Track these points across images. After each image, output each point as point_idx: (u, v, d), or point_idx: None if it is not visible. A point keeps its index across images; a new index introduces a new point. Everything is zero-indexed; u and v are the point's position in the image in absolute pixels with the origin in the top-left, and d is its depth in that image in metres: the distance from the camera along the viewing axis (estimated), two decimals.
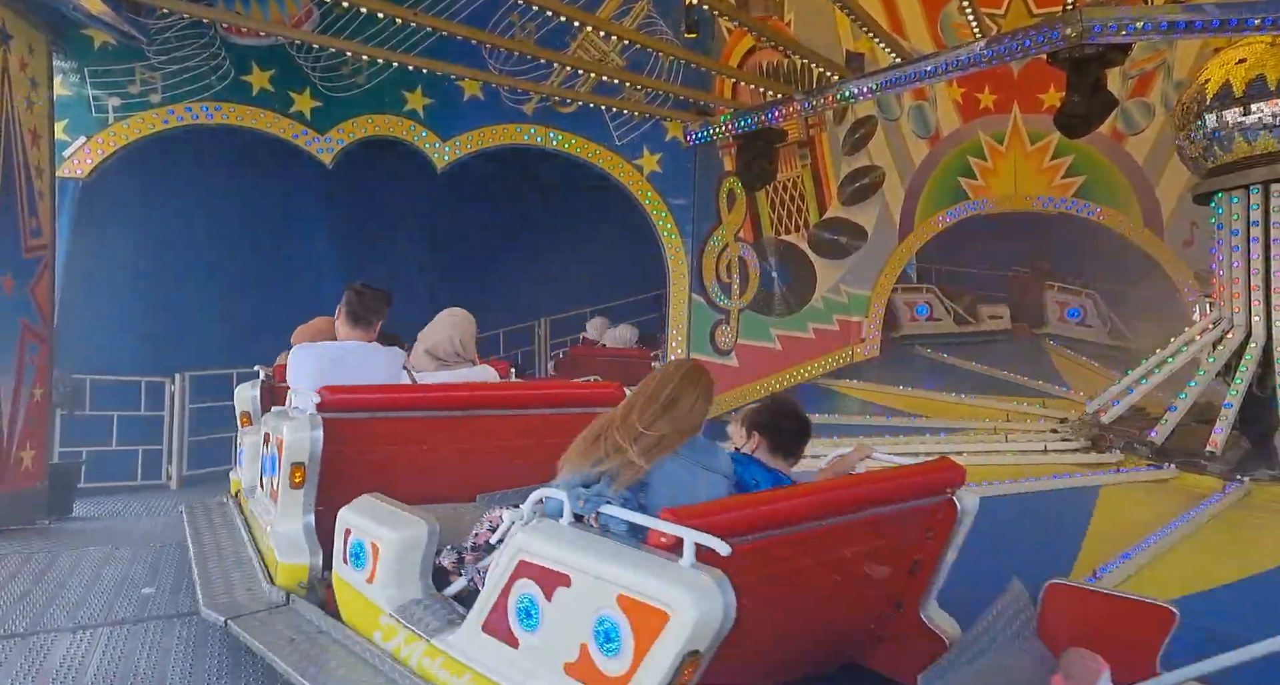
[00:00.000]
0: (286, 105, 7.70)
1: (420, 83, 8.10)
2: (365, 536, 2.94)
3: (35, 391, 6.06)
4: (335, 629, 3.02)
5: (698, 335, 9.13)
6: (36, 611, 3.86)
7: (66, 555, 4.75)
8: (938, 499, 2.65)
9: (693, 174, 9.06)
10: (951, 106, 11.66)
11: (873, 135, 10.98)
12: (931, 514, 2.66)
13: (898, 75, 7.06)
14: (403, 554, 2.82)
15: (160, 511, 6.57)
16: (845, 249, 10.89)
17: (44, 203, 6.32)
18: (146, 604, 3.99)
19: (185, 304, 8.41)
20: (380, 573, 2.85)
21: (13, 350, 5.82)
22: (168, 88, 7.26)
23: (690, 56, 8.09)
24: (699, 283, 9.09)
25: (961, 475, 2.68)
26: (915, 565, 2.72)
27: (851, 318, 10.97)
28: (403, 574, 2.82)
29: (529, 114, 8.51)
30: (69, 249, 6.90)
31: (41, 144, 6.33)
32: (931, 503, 2.64)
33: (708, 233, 9.19)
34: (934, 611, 2.79)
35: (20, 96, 6.03)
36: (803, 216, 10.48)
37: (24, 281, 6.00)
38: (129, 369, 7.83)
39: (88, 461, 7.29)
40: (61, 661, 3.31)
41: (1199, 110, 7.81)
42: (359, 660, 2.79)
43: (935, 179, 11.63)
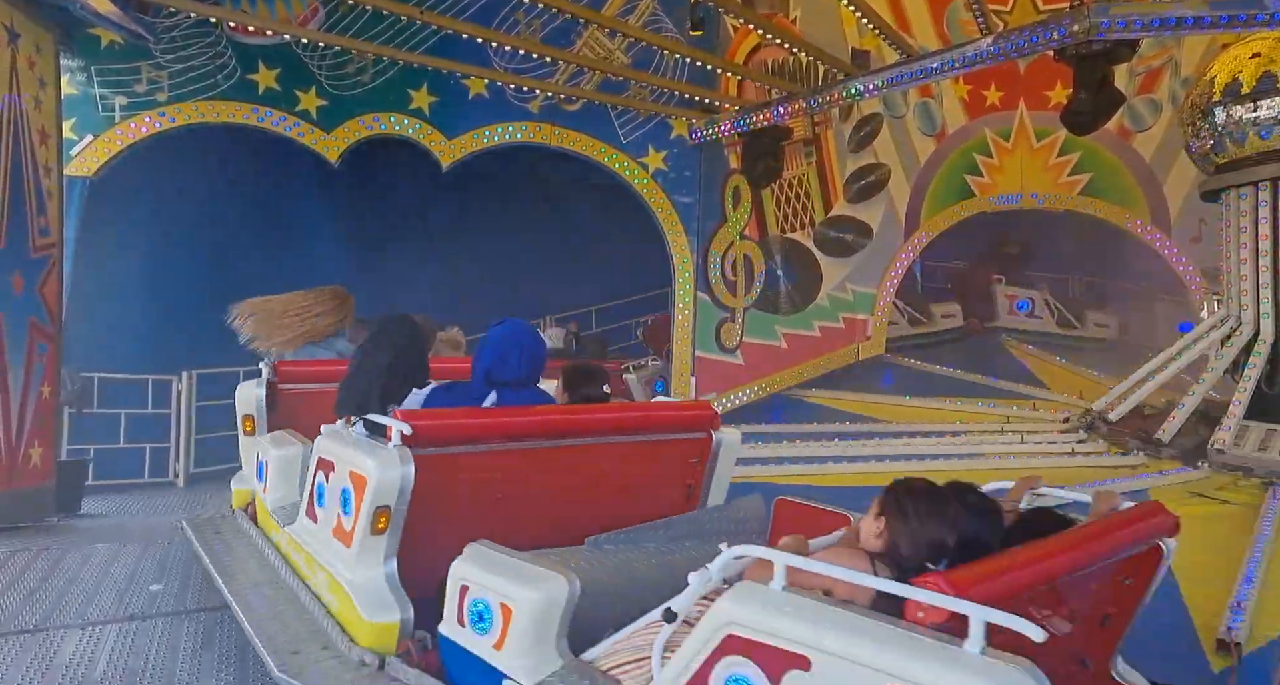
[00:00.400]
0: (292, 104, 7.71)
1: (426, 81, 8.10)
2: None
3: (43, 390, 6.09)
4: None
5: (703, 333, 9.13)
6: (46, 608, 3.88)
7: (75, 552, 4.78)
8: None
9: (698, 172, 9.06)
10: (957, 103, 11.63)
11: (878, 132, 10.96)
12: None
13: (903, 72, 7.05)
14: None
15: (167, 509, 6.60)
16: (851, 247, 10.87)
17: (52, 201, 6.34)
18: (155, 600, 4.01)
19: (191, 302, 8.41)
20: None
21: (21, 349, 5.84)
22: (174, 86, 7.28)
23: (695, 54, 8.08)
24: (704, 280, 9.09)
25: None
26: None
27: (857, 315, 10.95)
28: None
29: (534, 112, 8.52)
30: (76, 248, 6.92)
31: (49, 143, 6.35)
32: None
33: (713, 230, 9.19)
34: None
35: (28, 95, 6.05)
36: (808, 214, 10.47)
37: (32, 280, 6.02)
38: (136, 367, 7.86)
39: (95, 459, 7.32)
40: (71, 657, 3.32)
41: (1207, 106, 7.78)
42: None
43: (941, 176, 11.60)
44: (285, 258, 9.40)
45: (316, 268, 9.64)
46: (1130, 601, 2.40)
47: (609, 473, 3.38)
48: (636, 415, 3.63)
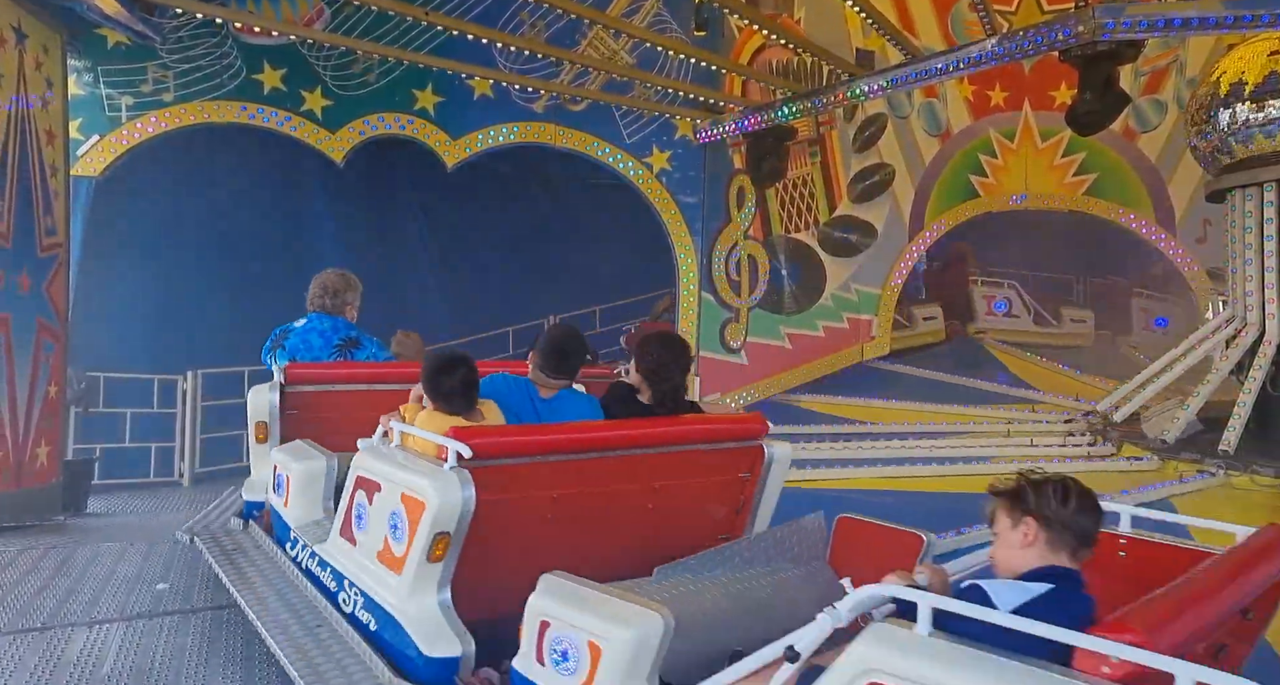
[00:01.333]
0: (298, 104, 7.73)
1: (430, 81, 8.12)
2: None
3: (50, 389, 6.12)
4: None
5: (707, 333, 9.14)
6: (53, 606, 3.90)
7: (82, 551, 4.80)
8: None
9: (702, 172, 9.06)
10: (962, 104, 11.63)
11: (883, 133, 10.96)
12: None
13: (908, 73, 7.05)
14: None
15: (173, 508, 6.62)
16: (855, 247, 10.87)
17: (59, 201, 6.37)
18: (161, 599, 4.03)
19: (196, 301, 8.47)
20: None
21: (29, 348, 5.87)
22: (180, 87, 7.30)
23: (700, 54, 8.09)
24: (709, 280, 9.09)
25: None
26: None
27: (861, 316, 10.95)
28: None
29: (539, 112, 8.53)
30: (83, 248, 6.95)
31: (56, 143, 6.38)
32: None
33: (717, 231, 9.20)
34: None
35: (35, 96, 6.08)
36: (812, 214, 10.47)
37: (39, 280, 6.05)
38: (141, 366, 7.88)
39: (102, 458, 7.35)
40: (79, 655, 3.34)
41: (1212, 107, 7.77)
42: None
43: (946, 177, 11.60)
44: (290, 257, 9.43)
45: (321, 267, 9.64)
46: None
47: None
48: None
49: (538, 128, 8.55)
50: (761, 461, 3.31)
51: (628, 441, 3.11)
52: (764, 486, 3.36)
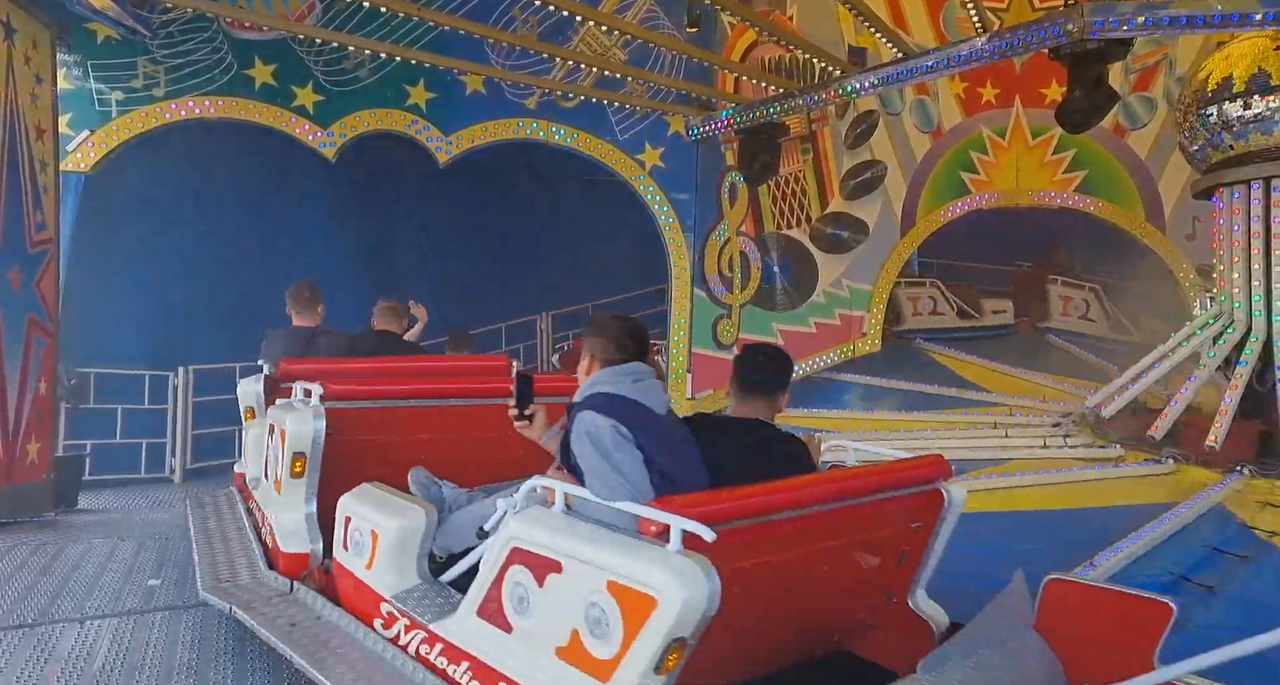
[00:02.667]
0: (289, 99, 7.71)
1: (423, 77, 8.10)
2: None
3: (40, 385, 6.10)
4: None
5: (699, 329, 9.16)
6: (44, 602, 3.90)
7: (73, 547, 4.80)
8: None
9: (695, 168, 9.08)
10: (954, 101, 11.66)
11: (875, 129, 10.99)
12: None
13: (900, 70, 7.08)
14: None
15: (164, 504, 6.62)
16: (847, 243, 10.90)
17: (48, 197, 6.33)
18: (152, 595, 4.04)
19: (188, 297, 8.43)
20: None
21: (19, 344, 5.85)
22: (170, 82, 7.27)
23: (692, 51, 8.10)
24: (701, 277, 9.11)
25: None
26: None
27: (853, 312, 10.99)
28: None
29: (531, 108, 8.52)
30: (73, 243, 6.92)
31: (46, 138, 6.35)
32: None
33: (710, 227, 9.21)
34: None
35: (25, 91, 6.04)
36: (805, 211, 10.50)
37: (30, 275, 6.02)
38: (132, 363, 7.85)
39: (93, 455, 7.32)
40: (70, 652, 3.35)
41: (1200, 104, 7.82)
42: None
43: (937, 173, 11.64)
44: (282, 253, 9.40)
45: (313, 264, 9.62)
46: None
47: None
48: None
49: (530, 124, 8.54)
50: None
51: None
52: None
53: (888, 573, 2.78)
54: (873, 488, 2.55)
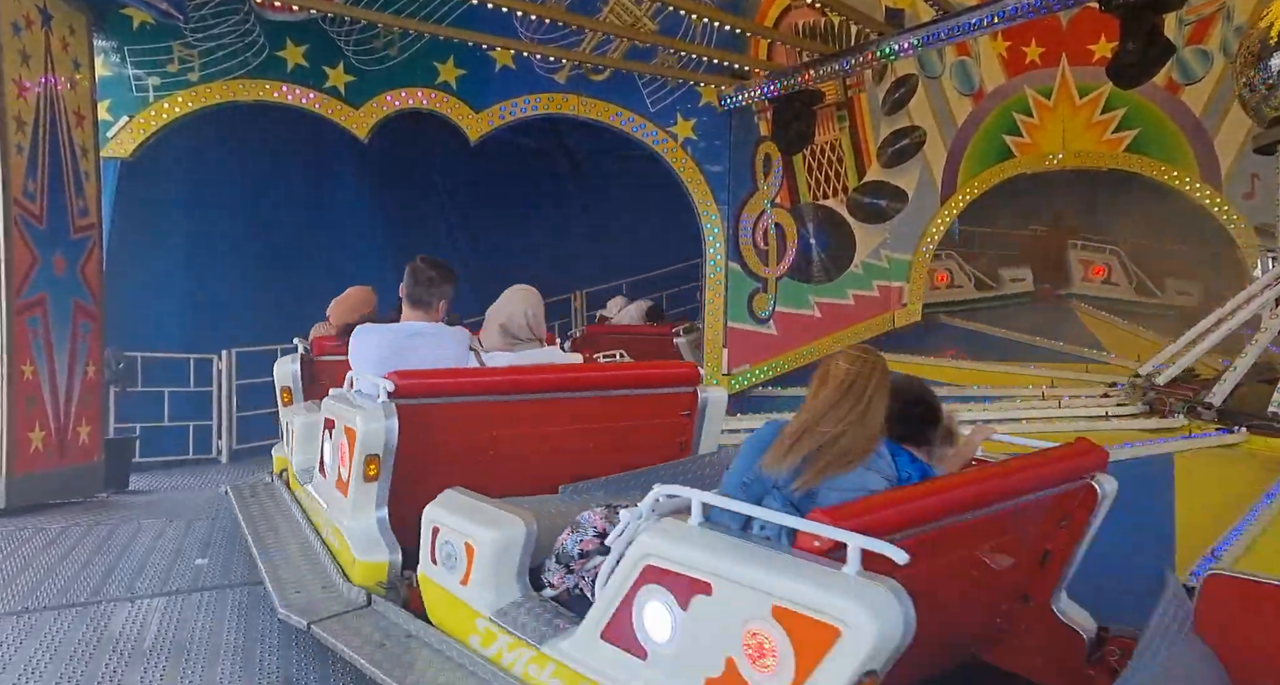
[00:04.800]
0: (321, 80, 7.70)
1: (452, 54, 8.04)
2: (457, 536, 2.76)
3: (89, 369, 6.23)
4: (426, 632, 2.86)
5: (735, 303, 9.05)
6: (97, 581, 3.99)
7: (124, 527, 4.91)
8: (1076, 485, 2.47)
9: (728, 139, 8.91)
10: (996, 61, 11.27)
11: (913, 94, 10.66)
12: (1069, 501, 2.49)
13: (940, 30, 6.83)
14: (501, 554, 2.65)
15: (211, 485, 6.75)
16: (885, 213, 10.66)
17: (90, 183, 6.43)
18: (200, 574, 4.11)
19: (228, 281, 8.56)
20: (476, 574, 2.67)
21: (67, 329, 5.97)
22: (205, 66, 7.30)
23: (724, 17, 7.90)
24: (736, 250, 8.98)
25: (1105, 458, 2.51)
26: (1046, 555, 2.56)
27: (892, 283, 10.77)
28: (501, 575, 2.66)
29: (561, 82, 8.42)
30: (115, 229, 7.03)
31: (85, 124, 6.42)
32: (1070, 489, 2.46)
33: (744, 199, 9.06)
34: (1066, 604, 2.60)
35: (64, 77, 6.11)
36: (841, 180, 10.27)
37: (74, 261, 6.13)
38: (176, 346, 8.00)
39: (142, 437, 7.50)
40: (121, 630, 3.41)
41: (1262, 55, 7.44)
42: (456, 665, 2.66)
43: (979, 137, 11.29)
44: (320, 235, 9.50)
45: (350, 244, 9.73)
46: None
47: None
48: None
49: (560, 99, 8.44)
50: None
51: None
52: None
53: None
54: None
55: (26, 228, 5.57)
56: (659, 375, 3.85)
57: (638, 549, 2.15)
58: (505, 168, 10.52)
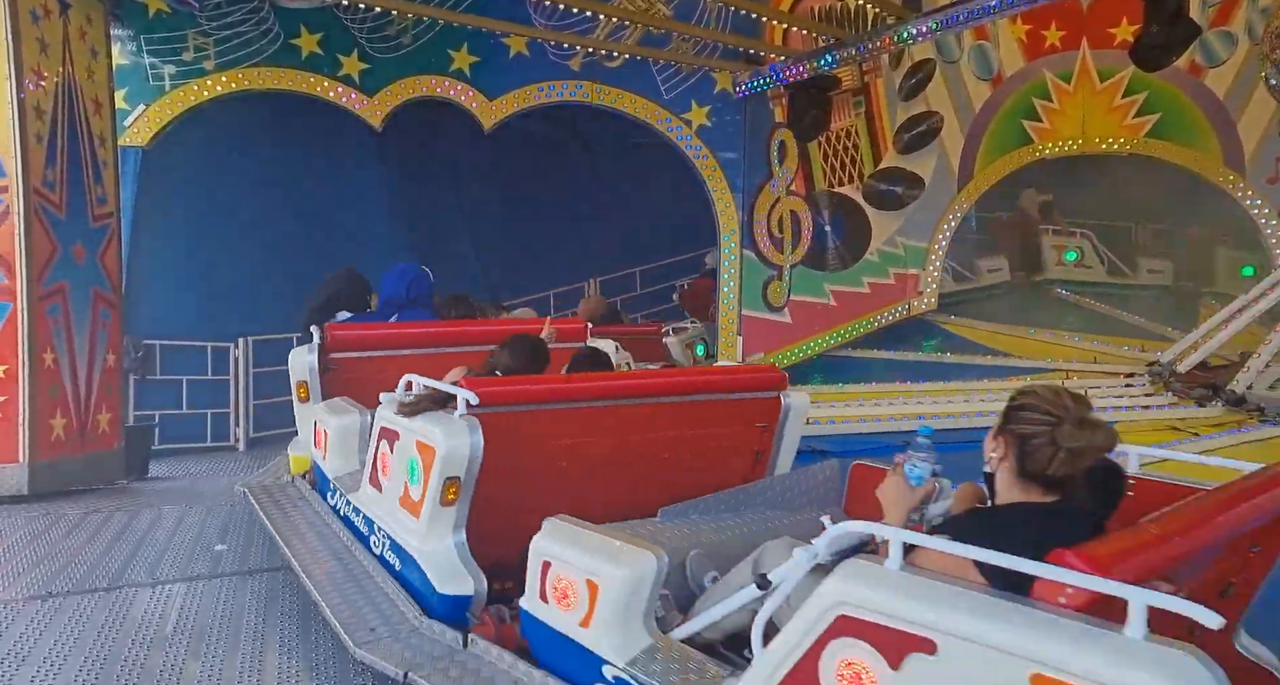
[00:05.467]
0: (335, 68, 7.70)
1: (466, 41, 8.01)
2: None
3: (108, 357, 6.28)
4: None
5: (749, 291, 9.01)
6: (118, 567, 4.03)
7: (145, 514, 4.96)
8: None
9: (743, 126, 8.85)
10: (1015, 45, 11.11)
11: (931, 79, 10.54)
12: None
13: (958, 13, 6.74)
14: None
15: (230, 472, 6.80)
16: (901, 200, 10.56)
17: (108, 171, 6.46)
18: (220, 561, 4.14)
19: (244, 268, 8.59)
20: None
21: (86, 317, 6.02)
22: (220, 54, 7.31)
23: (739, 2, 7.83)
24: (750, 238, 8.94)
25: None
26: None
27: (908, 270, 10.69)
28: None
29: (575, 69, 8.38)
30: (132, 217, 7.07)
31: (103, 113, 6.45)
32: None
33: (758, 187, 9.01)
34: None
35: (81, 66, 6.13)
36: (857, 167, 10.18)
37: (93, 249, 6.17)
38: (194, 334, 8.05)
39: (160, 424, 7.56)
40: (143, 614, 3.45)
41: None
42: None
43: (997, 123, 11.14)
44: (336, 222, 9.52)
45: (366, 232, 9.75)
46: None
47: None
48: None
49: (574, 86, 8.41)
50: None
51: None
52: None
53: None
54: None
55: (46, 217, 5.61)
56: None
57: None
58: (519, 155, 10.50)
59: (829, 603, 1.81)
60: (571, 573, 2.48)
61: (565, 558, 2.51)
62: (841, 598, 1.80)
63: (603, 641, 2.38)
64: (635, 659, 2.32)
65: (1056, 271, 12.40)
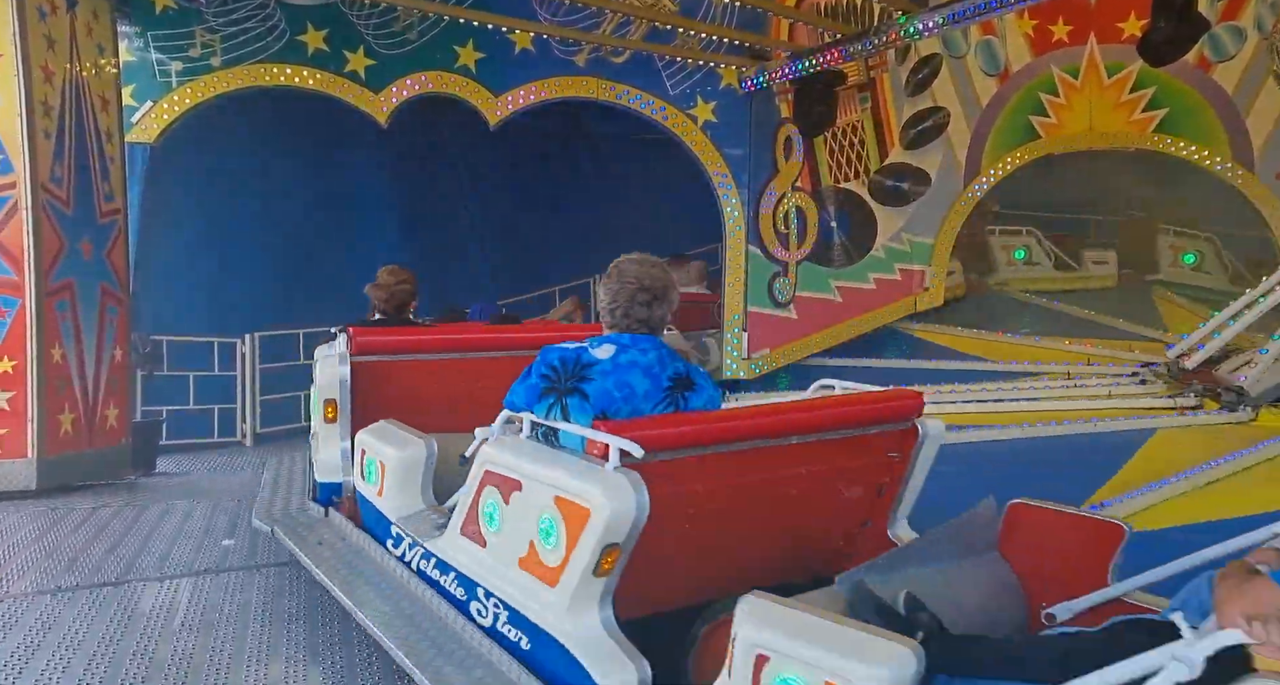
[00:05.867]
0: (341, 65, 7.70)
1: (471, 37, 8.01)
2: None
3: (116, 352, 6.31)
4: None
5: (755, 287, 9.00)
6: (127, 561, 4.06)
7: (153, 509, 4.99)
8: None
9: (748, 122, 8.83)
10: (1022, 40, 11.06)
11: (937, 74, 10.50)
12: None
13: (965, 8, 6.70)
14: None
15: (236, 468, 6.84)
16: (908, 195, 10.54)
17: (115, 167, 6.48)
18: (227, 555, 4.17)
19: (250, 264, 8.62)
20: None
21: (94, 313, 6.05)
22: (227, 50, 7.32)
23: None
24: (756, 234, 8.92)
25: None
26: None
27: (914, 266, 10.67)
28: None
29: (581, 65, 8.37)
30: (139, 214, 7.09)
31: (110, 109, 6.47)
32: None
33: (764, 183, 8.99)
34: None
35: (88, 62, 6.15)
36: (863, 163, 10.16)
37: (100, 246, 6.20)
38: (200, 330, 8.09)
39: (168, 420, 7.60)
40: (151, 608, 3.48)
41: None
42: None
43: (1004, 118, 11.10)
44: (342, 219, 9.54)
45: (372, 228, 9.77)
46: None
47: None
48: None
49: (580, 82, 8.39)
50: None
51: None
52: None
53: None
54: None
55: (54, 213, 5.63)
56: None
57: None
58: (525, 152, 10.51)
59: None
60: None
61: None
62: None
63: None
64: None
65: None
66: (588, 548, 2.20)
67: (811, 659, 1.83)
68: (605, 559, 2.21)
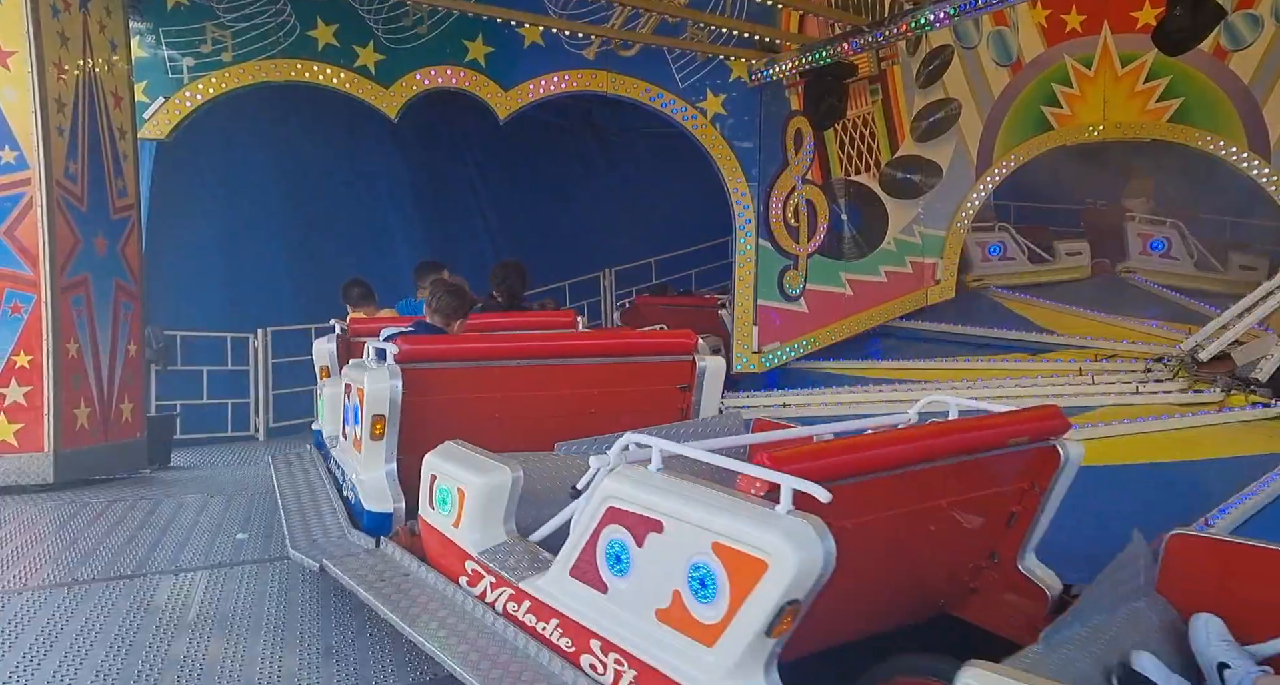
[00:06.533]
0: (351, 60, 7.71)
1: (481, 31, 8.00)
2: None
3: (130, 347, 6.36)
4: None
5: (765, 280, 8.98)
6: (142, 555, 4.10)
7: (167, 503, 5.03)
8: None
9: (758, 115, 8.80)
10: (1035, 30, 10.96)
11: (949, 66, 10.42)
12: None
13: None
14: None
15: (250, 461, 6.89)
16: (919, 188, 10.48)
17: (128, 163, 6.52)
18: (241, 549, 4.20)
19: (263, 260, 8.67)
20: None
21: (108, 308, 6.10)
22: (238, 46, 7.35)
23: None
24: (766, 227, 8.90)
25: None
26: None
27: (926, 259, 10.61)
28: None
29: (590, 59, 8.35)
30: (152, 210, 7.14)
31: (123, 105, 6.51)
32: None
33: (774, 176, 8.96)
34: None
35: (101, 59, 6.19)
36: (873, 155, 10.11)
37: (114, 241, 6.24)
38: (214, 325, 8.14)
39: (182, 414, 7.66)
40: (166, 601, 3.51)
41: None
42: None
43: (1016, 109, 11.01)
44: (353, 214, 9.58)
45: (383, 224, 9.81)
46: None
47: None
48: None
49: (589, 75, 8.38)
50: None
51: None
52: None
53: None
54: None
55: (68, 209, 5.68)
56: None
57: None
58: (535, 145, 10.51)
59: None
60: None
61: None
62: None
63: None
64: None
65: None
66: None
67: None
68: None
